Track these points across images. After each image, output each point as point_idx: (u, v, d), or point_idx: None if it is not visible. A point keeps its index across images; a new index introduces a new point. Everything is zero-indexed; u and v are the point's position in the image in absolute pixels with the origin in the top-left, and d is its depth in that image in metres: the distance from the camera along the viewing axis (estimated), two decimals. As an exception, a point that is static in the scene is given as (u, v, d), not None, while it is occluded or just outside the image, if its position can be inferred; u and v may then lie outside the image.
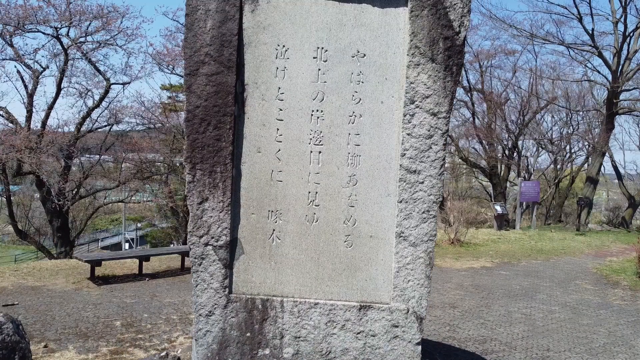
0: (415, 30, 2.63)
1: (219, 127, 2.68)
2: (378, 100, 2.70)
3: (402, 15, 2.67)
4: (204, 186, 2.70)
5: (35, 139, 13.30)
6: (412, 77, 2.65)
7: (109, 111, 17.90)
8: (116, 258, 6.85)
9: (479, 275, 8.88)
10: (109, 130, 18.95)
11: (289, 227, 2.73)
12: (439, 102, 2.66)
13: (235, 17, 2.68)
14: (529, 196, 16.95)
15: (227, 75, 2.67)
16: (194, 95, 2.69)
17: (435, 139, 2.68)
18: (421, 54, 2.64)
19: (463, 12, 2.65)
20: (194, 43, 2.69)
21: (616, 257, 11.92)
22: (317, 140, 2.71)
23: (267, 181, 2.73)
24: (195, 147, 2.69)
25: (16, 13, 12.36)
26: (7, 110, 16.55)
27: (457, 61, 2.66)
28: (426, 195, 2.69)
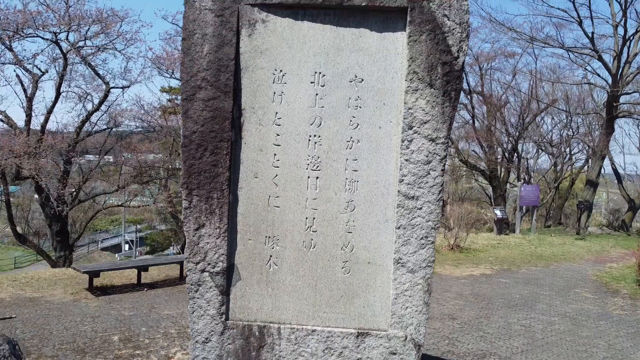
0: (414, 56, 2.61)
1: (215, 152, 2.66)
2: (376, 126, 2.68)
3: (400, 39, 2.65)
4: (200, 212, 2.68)
5: (34, 144, 13.28)
6: (410, 102, 2.63)
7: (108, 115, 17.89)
8: (114, 269, 6.83)
9: (479, 284, 8.85)
10: (108, 133, 18.95)
11: (286, 253, 2.71)
12: (437, 128, 2.64)
13: (232, 41, 2.66)
14: (529, 200, 16.92)
15: (223, 100, 2.65)
16: (191, 120, 2.67)
17: (433, 165, 2.66)
18: (419, 80, 2.62)
19: (461, 37, 2.63)
20: (191, 68, 2.67)
21: (616, 263, 11.90)
22: (314, 165, 2.69)
23: (264, 207, 2.71)
24: (191, 173, 2.67)
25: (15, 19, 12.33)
26: (6, 115, 16.54)
27: (456, 86, 2.64)
28: (424, 221, 2.67)
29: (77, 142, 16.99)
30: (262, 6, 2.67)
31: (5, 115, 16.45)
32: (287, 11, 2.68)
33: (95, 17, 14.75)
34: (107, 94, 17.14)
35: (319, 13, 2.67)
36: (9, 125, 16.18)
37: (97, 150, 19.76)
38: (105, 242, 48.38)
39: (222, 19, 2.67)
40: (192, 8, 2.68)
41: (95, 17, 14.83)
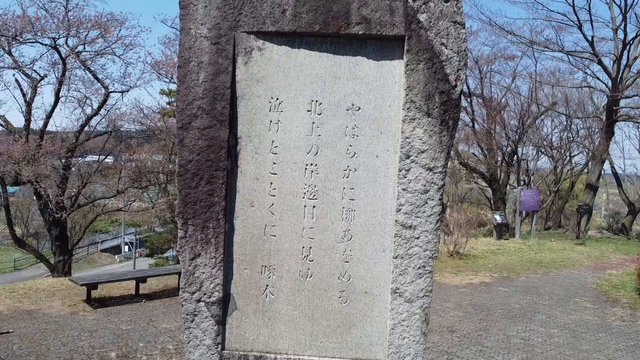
0: (411, 85, 2.59)
1: (211, 182, 2.64)
2: (373, 154, 2.65)
3: (398, 68, 2.63)
4: (196, 242, 2.65)
5: (33, 150, 13.26)
6: (407, 131, 2.61)
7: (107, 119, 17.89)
8: (112, 281, 6.81)
9: (478, 293, 8.84)
10: (108, 137, 18.93)
11: (282, 283, 2.69)
12: (435, 157, 2.62)
13: (228, 69, 2.64)
14: (529, 205, 16.91)
15: (219, 129, 2.63)
16: (186, 149, 2.65)
17: (431, 194, 2.63)
18: (417, 109, 2.60)
19: (459, 65, 2.61)
20: (187, 96, 2.65)
21: (616, 269, 11.89)
22: (311, 194, 2.67)
23: (261, 236, 2.69)
24: (187, 202, 2.65)
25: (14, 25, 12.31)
26: (5, 119, 16.54)
27: (454, 115, 2.62)
28: (422, 250, 2.65)
29: (76, 147, 16.98)
30: (258, 34, 2.65)
31: (5, 120, 16.45)
32: (283, 39, 2.66)
33: (95, 21, 14.75)
34: (107, 98, 17.15)
35: (316, 41, 2.65)
36: (8, 129, 16.18)
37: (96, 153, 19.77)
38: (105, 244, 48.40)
39: (218, 46, 2.65)
40: (188, 35, 2.66)
41: (95, 22, 14.83)
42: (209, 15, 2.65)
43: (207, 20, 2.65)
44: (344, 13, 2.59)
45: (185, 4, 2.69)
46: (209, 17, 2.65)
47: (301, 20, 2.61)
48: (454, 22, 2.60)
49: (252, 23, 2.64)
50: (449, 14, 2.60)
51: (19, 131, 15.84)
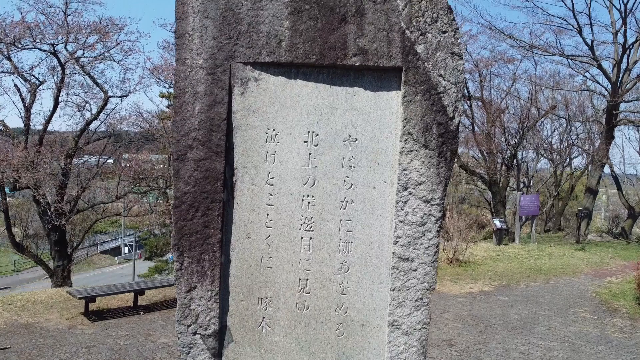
0: (408, 117, 2.57)
1: (207, 213, 2.62)
2: (370, 186, 2.63)
3: (395, 99, 2.61)
4: (191, 274, 2.63)
5: (32, 156, 13.23)
6: (404, 163, 2.58)
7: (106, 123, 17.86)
8: (111, 293, 6.79)
9: (477, 302, 8.82)
10: (107, 142, 18.91)
11: (279, 315, 2.67)
12: (432, 189, 2.60)
13: (224, 100, 2.62)
14: (529, 210, 16.89)
15: (215, 160, 2.61)
16: (182, 181, 2.62)
17: (428, 226, 2.61)
18: (414, 140, 2.58)
19: (457, 97, 2.59)
20: (182, 127, 2.63)
21: (615, 277, 11.87)
22: (308, 226, 2.65)
23: (257, 267, 2.67)
24: (183, 234, 2.63)
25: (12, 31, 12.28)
26: (4, 124, 16.52)
27: (451, 147, 2.60)
28: (419, 282, 2.63)
29: (75, 151, 16.96)
30: (254, 64, 2.63)
31: (4, 125, 16.42)
32: (280, 69, 2.64)
33: (94, 27, 14.72)
34: (106, 103, 17.12)
35: (312, 71, 2.63)
36: (7, 134, 16.15)
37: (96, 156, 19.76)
38: (104, 245, 48.33)
39: (214, 77, 2.63)
40: (184, 65, 2.64)
41: (94, 27, 14.80)
42: (205, 45, 2.63)
43: (203, 51, 2.63)
44: (340, 44, 2.57)
45: (180, 34, 2.67)
46: (204, 47, 2.63)
47: (297, 51, 2.59)
48: (451, 54, 2.59)
49: (248, 53, 2.62)
50: (446, 45, 2.58)
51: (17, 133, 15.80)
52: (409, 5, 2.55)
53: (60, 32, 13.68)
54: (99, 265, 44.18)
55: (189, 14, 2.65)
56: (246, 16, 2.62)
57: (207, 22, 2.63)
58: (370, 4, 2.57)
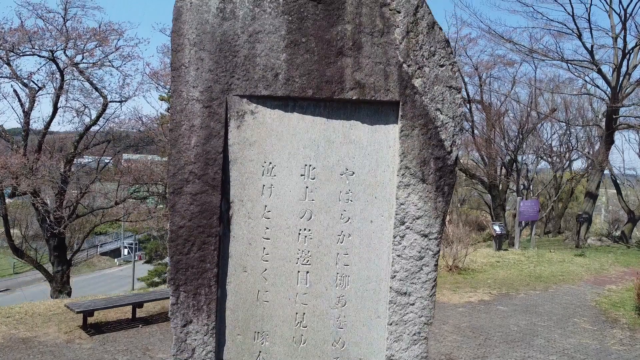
0: (406, 151, 2.55)
1: (203, 248, 2.60)
2: (367, 220, 2.62)
3: (392, 132, 2.59)
4: (187, 308, 2.62)
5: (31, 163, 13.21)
6: (402, 197, 2.57)
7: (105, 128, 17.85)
8: (109, 307, 6.78)
9: (477, 313, 8.80)
10: (106, 146, 18.91)
11: (275, 349, 2.66)
12: (430, 224, 2.58)
13: (221, 133, 2.60)
14: (528, 215, 16.86)
15: (211, 194, 2.60)
16: (178, 215, 2.61)
17: (426, 260, 2.60)
18: (411, 175, 2.56)
19: (455, 130, 2.57)
20: (178, 160, 2.61)
21: (615, 284, 11.86)
22: (304, 259, 2.63)
23: (253, 301, 2.65)
24: (179, 269, 2.61)
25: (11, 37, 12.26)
26: (3, 129, 16.51)
27: (449, 181, 2.59)
28: (417, 317, 2.61)
29: (74, 157, 16.95)
30: (251, 97, 2.62)
31: (3, 130, 16.41)
32: (276, 102, 2.62)
33: (93, 33, 14.70)
34: (105, 107, 17.11)
35: (309, 105, 2.61)
36: (7, 140, 16.14)
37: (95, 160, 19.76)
38: (104, 247, 48.30)
39: (210, 110, 2.61)
40: (180, 98, 2.63)
41: (93, 34, 14.78)
42: (201, 78, 2.62)
43: (199, 83, 2.62)
44: (337, 77, 2.56)
45: (176, 66, 2.66)
46: (200, 79, 2.62)
47: (294, 85, 2.57)
48: (449, 87, 2.57)
49: (244, 86, 2.60)
50: (444, 78, 2.57)
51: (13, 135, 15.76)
52: (407, 39, 2.54)
53: (59, 39, 13.67)
54: (98, 267, 44.15)
55: (185, 46, 2.63)
56: (242, 49, 2.60)
57: (203, 54, 2.62)
58: (368, 38, 2.55)
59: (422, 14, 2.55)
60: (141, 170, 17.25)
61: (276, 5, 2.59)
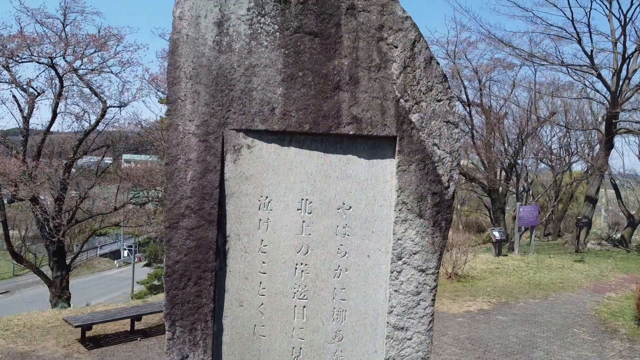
0: (403, 186, 2.54)
1: (199, 283, 2.59)
2: (364, 254, 2.61)
3: (389, 167, 2.58)
4: (184, 344, 2.60)
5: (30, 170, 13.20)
6: (399, 233, 2.56)
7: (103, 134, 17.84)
8: (107, 320, 6.76)
9: (476, 323, 8.79)
10: (105, 151, 18.90)
11: (272, 384, 2.64)
12: (427, 259, 2.57)
13: (217, 168, 2.58)
14: (528, 221, 16.85)
15: (207, 229, 2.58)
16: (174, 249, 2.59)
17: (423, 295, 2.59)
18: (408, 210, 2.55)
19: (452, 165, 2.56)
20: (174, 195, 2.60)
21: (615, 291, 11.85)
22: (301, 294, 2.62)
23: (250, 336, 2.64)
24: (175, 304, 2.60)
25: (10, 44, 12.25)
26: (3, 134, 16.50)
27: (446, 216, 2.58)
28: (414, 352, 2.60)
29: (73, 162, 16.94)
30: (247, 132, 2.60)
31: (2, 135, 16.40)
32: (273, 137, 2.61)
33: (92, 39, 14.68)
34: (104, 113, 17.11)
35: (306, 139, 2.60)
36: (7, 146, 16.13)
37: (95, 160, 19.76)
38: (104, 248, 48.25)
39: (206, 144, 2.59)
40: (176, 132, 2.62)
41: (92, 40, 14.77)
42: (197, 112, 2.60)
43: (195, 117, 2.60)
44: (334, 112, 2.55)
45: (173, 99, 2.65)
46: (197, 113, 2.60)
47: (291, 119, 2.56)
48: (446, 122, 2.56)
49: (241, 120, 2.59)
50: (441, 113, 2.55)
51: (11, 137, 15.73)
52: (404, 74, 2.53)
53: (58, 45, 13.65)
54: (98, 269, 44.10)
55: (181, 79, 2.62)
56: (239, 82, 2.59)
57: (200, 87, 2.60)
58: (365, 72, 2.54)
59: (419, 48, 2.54)
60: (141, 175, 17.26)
61: (273, 38, 2.57)
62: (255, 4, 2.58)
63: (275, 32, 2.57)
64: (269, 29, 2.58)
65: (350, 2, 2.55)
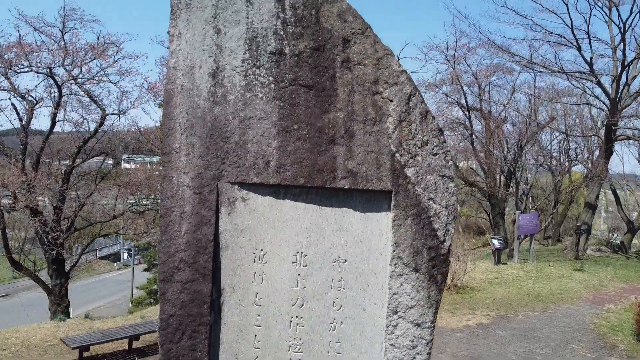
0: (398, 241, 2.52)
1: (193, 336, 2.57)
2: (360, 307, 2.59)
3: (385, 220, 2.56)
4: (178, 398, 2.59)
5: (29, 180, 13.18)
6: (395, 287, 2.54)
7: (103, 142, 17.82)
8: (105, 341, 6.75)
9: (475, 339, 8.77)
10: (104, 159, 18.89)
11: None
12: (423, 313, 2.55)
13: (211, 221, 2.57)
14: (527, 229, 16.83)
15: (202, 283, 2.57)
16: (169, 303, 2.58)
17: (419, 349, 2.57)
18: (404, 265, 2.53)
19: (448, 219, 2.55)
20: (169, 247, 2.58)
21: (614, 303, 11.83)
22: (296, 347, 2.60)
23: (245, 389, 2.63)
24: (169, 357, 2.58)
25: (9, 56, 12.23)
26: (2, 142, 16.46)
27: (442, 270, 2.56)
28: (410, 405, 2.58)
29: (72, 169, 16.92)
30: (242, 184, 2.59)
31: (1, 143, 16.37)
32: (268, 189, 2.59)
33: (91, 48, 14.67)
34: (103, 120, 17.08)
35: (301, 192, 2.59)
36: (6, 154, 16.10)
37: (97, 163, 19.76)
38: (103, 251, 48.20)
39: (200, 196, 2.58)
40: (170, 184, 2.60)
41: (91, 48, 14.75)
42: (192, 164, 2.59)
43: (189, 169, 2.59)
44: (329, 166, 2.53)
45: (167, 151, 2.63)
46: (191, 165, 2.59)
47: (286, 173, 2.54)
48: (442, 176, 2.54)
49: (235, 173, 2.58)
50: (437, 167, 2.54)
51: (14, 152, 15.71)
52: (399, 128, 2.51)
53: (57, 55, 13.63)
54: (97, 272, 44.03)
55: (176, 131, 2.60)
56: (233, 134, 2.57)
57: (194, 139, 2.59)
58: (360, 126, 2.53)
59: (414, 102, 2.52)
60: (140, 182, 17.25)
61: (268, 90, 2.56)
62: (250, 55, 2.57)
63: (270, 83, 2.56)
64: (264, 80, 2.56)
65: (346, 55, 2.53)
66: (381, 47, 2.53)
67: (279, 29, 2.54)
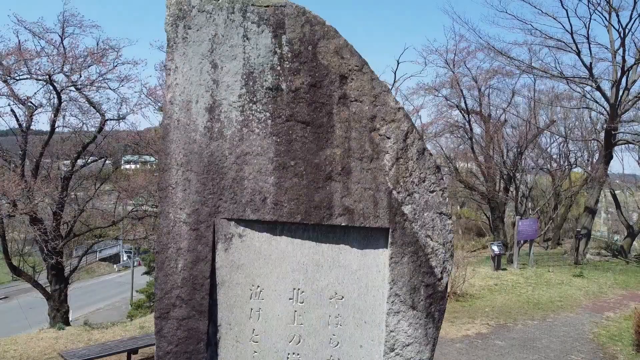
0: (395, 278, 2.51)
1: (190, 374, 2.56)
2: (357, 344, 2.58)
3: (382, 257, 2.55)
4: None
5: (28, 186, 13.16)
6: (392, 324, 2.53)
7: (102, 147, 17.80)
8: (104, 355, 6.73)
9: (474, 350, 8.76)
10: (103, 163, 18.87)
11: None
12: (420, 350, 2.54)
13: (208, 257, 2.56)
14: (527, 234, 16.82)
15: (198, 320, 2.56)
16: (165, 340, 2.57)
17: (416, 386, 2.56)
18: (401, 302, 2.52)
19: (445, 257, 2.53)
20: (165, 284, 2.57)
21: (613, 310, 11.80)
22: (293, 384, 2.59)
23: None
24: (165, 395, 2.57)
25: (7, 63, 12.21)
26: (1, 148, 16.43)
27: (439, 307, 2.55)
28: None
29: (72, 174, 16.89)
30: (239, 221, 2.57)
31: (1, 149, 16.34)
32: (264, 226, 2.58)
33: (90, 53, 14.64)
34: (103, 126, 17.05)
35: (298, 228, 2.58)
36: (5, 159, 16.07)
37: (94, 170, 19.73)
38: (103, 252, 48.18)
39: (197, 232, 2.57)
40: (167, 219, 2.59)
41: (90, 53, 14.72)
42: (188, 200, 2.57)
43: (186, 205, 2.57)
44: (326, 203, 2.52)
45: (163, 186, 2.62)
46: (188, 201, 2.57)
47: (282, 209, 2.53)
48: (439, 214, 2.53)
49: (232, 209, 2.56)
50: (434, 205, 2.53)
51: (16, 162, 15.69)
52: (396, 165, 2.50)
53: (56, 61, 13.61)
54: (97, 273, 44.03)
55: (172, 166, 2.59)
56: (230, 170, 2.56)
57: (191, 175, 2.58)
58: (357, 163, 2.52)
59: (412, 140, 2.51)
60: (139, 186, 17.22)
61: (264, 126, 2.55)
62: (247, 90, 2.56)
63: (267, 119, 2.55)
64: (261, 116, 2.55)
65: (343, 92, 2.52)
66: (378, 84, 2.52)
67: (275, 64, 2.53)
